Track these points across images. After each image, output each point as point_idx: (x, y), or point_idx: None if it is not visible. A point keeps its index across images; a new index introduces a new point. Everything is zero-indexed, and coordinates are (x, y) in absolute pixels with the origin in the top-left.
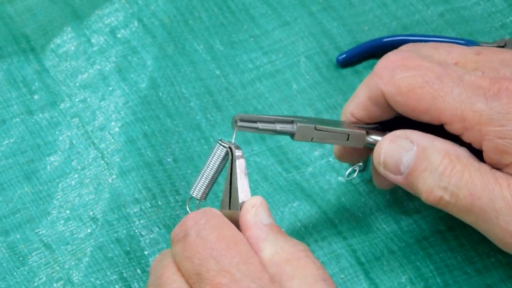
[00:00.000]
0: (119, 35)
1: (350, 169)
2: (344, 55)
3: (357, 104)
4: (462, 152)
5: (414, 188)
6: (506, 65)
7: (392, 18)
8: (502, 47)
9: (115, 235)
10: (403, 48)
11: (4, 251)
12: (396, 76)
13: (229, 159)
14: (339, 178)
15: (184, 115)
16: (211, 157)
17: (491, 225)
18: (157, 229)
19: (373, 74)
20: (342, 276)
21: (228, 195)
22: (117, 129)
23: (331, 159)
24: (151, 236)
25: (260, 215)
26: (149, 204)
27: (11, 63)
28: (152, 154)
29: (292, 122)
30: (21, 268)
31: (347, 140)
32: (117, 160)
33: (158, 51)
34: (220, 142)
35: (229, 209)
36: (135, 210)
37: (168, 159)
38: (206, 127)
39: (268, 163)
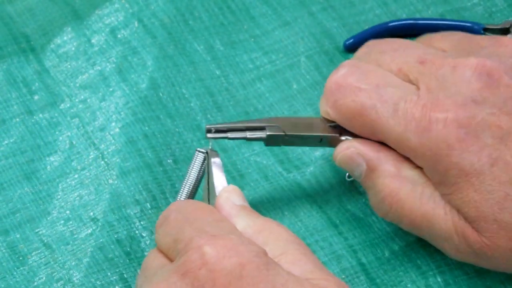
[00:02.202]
0: (119, 36)
1: None
2: (351, 40)
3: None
4: (411, 174)
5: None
6: (445, 79)
7: (392, 18)
8: (507, 29)
9: (116, 236)
10: (357, 53)
11: (4, 250)
12: (338, 102)
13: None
14: (340, 178)
15: (184, 116)
16: (191, 165)
17: (437, 244)
18: None
19: (323, 93)
20: (343, 277)
21: (207, 191)
22: (117, 129)
23: (331, 159)
24: (152, 237)
25: (232, 198)
26: (149, 206)
27: (11, 63)
28: (152, 155)
29: (264, 128)
30: (21, 268)
31: (320, 142)
32: (117, 160)
33: (158, 51)
34: (198, 150)
35: (208, 203)
36: (136, 211)
37: (169, 160)
38: None
39: (268, 163)
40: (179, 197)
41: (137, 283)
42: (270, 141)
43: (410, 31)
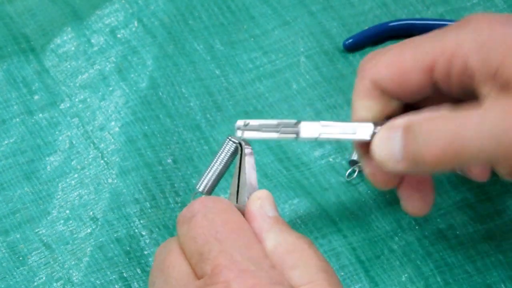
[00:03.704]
0: (119, 35)
1: (350, 170)
2: (351, 40)
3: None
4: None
5: (418, 160)
6: None
7: (392, 18)
8: None
9: (115, 235)
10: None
11: (4, 250)
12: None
13: (238, 154)
14: (339, 178)
15: (184, 115)
16: (220, 152)
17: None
18: (157, 229)
19: (360, 70)
20: (342, 274)
21: (236, 189)
22: (117, 129)
23: (331, 159)
24: (151, 236)
25: (265, 207)
26: (148, 205)
27: (11, 63)
28: (152, 154)
29: (296, 123)
30: (21, 268)
31: (354, 133)
32: (117, 160)
33: (158, 51)
34: (230, 138)
35: (236, 202)
36: (135, 210)
37: (168, 160)
38: (206, 127)
39: (268, 161)
40: (199, 185)
41: (153, 280)
42: (305, 133)
43: (409, 31)
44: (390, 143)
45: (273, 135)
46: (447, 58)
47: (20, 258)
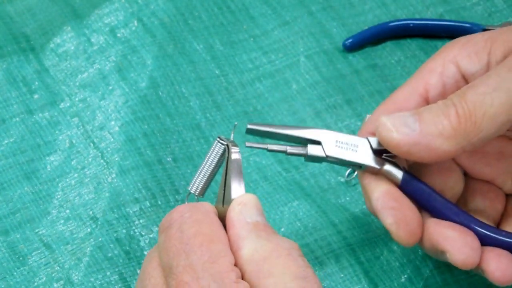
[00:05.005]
0: (119, 35)
1: (349, 170)
2: (351, 40)
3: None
4: None
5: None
6: None
7: (392, 18)
8: None
9: (115, 235)
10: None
11: (4, 251)
12: None
13: (225, 156)
14: (339, 178)
15: (183, 115)
16: (209, 153)
17: None
18: (156, 228)
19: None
20: (342, 275)
21: (223, 191)
22: (116, 128)
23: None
24: (151, 235)
25: (245, 213)
26: (148, 204)
27: (11, 62)
28: (151, 153)
29: (305, 144)
30: (21, 268)
31: (360, 168)
32: (116, 159)
33: (158, 50)
34: (218, 139)
35: (223, 206)
36: (135, 209)
37: (168, 159)
38: (205, 126)
39: (267, 163)
40: (190, 186)
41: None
42: (309, 159)
43: (409, 31)
44: (439, 119)
45: (280, 152)
46: (438, 72)
47: (20, 258)
